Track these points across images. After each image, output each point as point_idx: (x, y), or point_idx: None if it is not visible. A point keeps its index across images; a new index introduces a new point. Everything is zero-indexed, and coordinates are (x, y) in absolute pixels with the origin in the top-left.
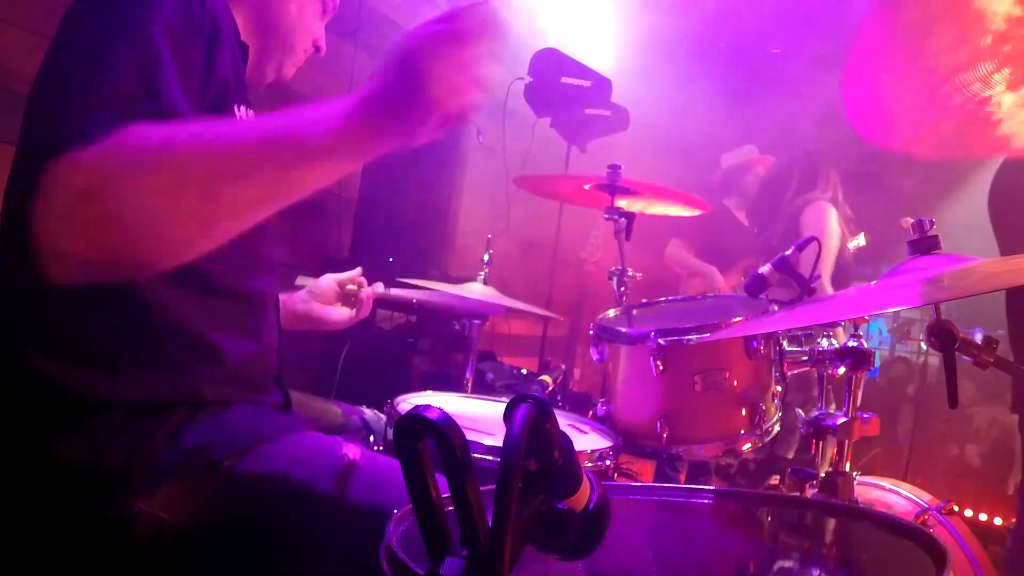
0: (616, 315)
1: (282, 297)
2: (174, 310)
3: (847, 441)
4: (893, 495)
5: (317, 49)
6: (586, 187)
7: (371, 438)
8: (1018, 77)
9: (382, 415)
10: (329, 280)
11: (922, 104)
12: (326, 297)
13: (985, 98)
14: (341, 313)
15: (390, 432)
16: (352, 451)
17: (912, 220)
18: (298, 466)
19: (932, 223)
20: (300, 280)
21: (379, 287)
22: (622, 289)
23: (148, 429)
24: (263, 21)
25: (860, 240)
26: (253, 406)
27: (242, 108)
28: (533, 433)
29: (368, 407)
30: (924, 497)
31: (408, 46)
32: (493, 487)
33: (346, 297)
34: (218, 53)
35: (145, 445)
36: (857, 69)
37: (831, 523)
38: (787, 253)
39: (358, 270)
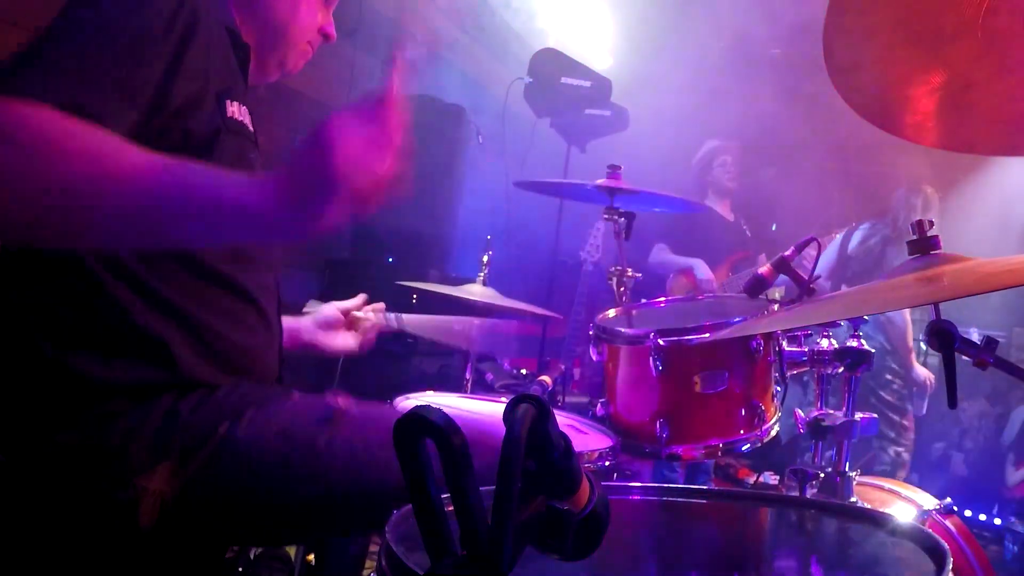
0: (616, 315)
1: (287, 323)
2: (167, 296)
3: (847, 441)
4: (893, 495)
5: (327, 38)
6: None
7: None
8: (1003, 64)
9: None
10: (333, 308)
11: (901, 74)
12: (331, 325)
13: (968, 83)
14: (345, 342)
15: None
16: (341, 400)
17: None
18: (290, 421)
19: (932, 223)
20: (307, 307)
21: (380, 309)
22: (622, 289)
23: (145, 411)
24: (258, 18)
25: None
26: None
27: (235, 104)
28: (533, 433)
29: None
30: (924, 497)
31: (318, 126)
32: (493, 487)
33: (351, 323)
34: (190, 52)
35: (142, 423)
36: (839, 22)
37: (831, 523)
38: (786, 253)
39: (362, 297)
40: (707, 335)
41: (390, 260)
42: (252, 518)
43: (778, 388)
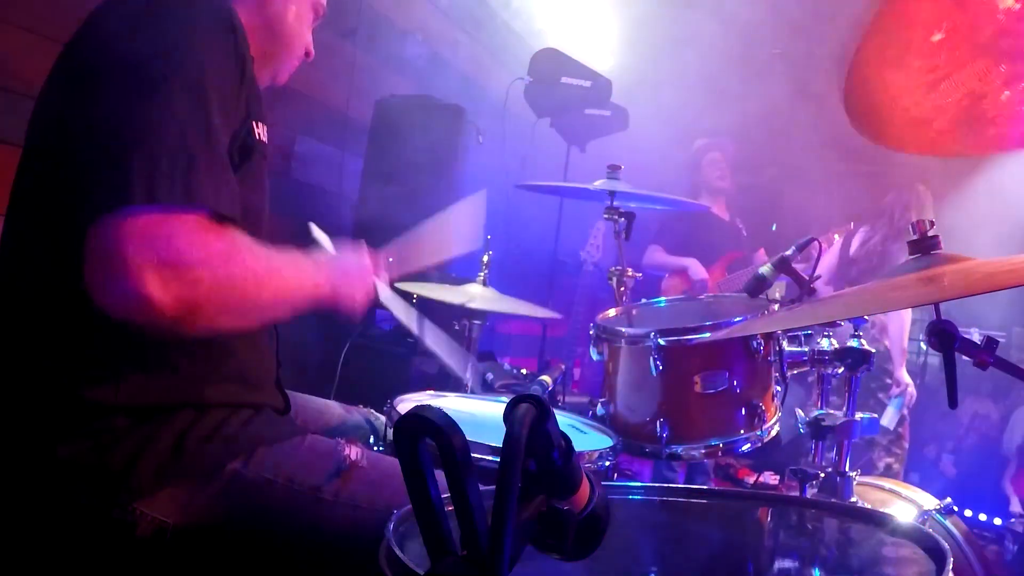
0: (616, 315)
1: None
2: None
3: (847, 441)
4: (893, 496)
5: (307, 55)
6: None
7: (371, 439)
8: (1014, 74)
9: (382, 415)
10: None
11: (920, 100)
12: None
13: (981, 94)
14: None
15: (390, 432)
16: (353, 452)
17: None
18: (300, 469)
19: (932, 223)
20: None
21: None
22: (622, 289)
23: (151, 432)
24: (266, 27)
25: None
26: (255, 411)
27: (259, 125)
28: (533, 433)
29: (368, 407)
30: (924, 497)
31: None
32: (493, 487)
33: None
34: (246, 82)
35: (148, 448)
36: (862, 63)
37: (831, 523)
38: (787, 253)
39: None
40: (707, 335)
41: (391, 260)
42: (248, 558)
43: (778, 388)
